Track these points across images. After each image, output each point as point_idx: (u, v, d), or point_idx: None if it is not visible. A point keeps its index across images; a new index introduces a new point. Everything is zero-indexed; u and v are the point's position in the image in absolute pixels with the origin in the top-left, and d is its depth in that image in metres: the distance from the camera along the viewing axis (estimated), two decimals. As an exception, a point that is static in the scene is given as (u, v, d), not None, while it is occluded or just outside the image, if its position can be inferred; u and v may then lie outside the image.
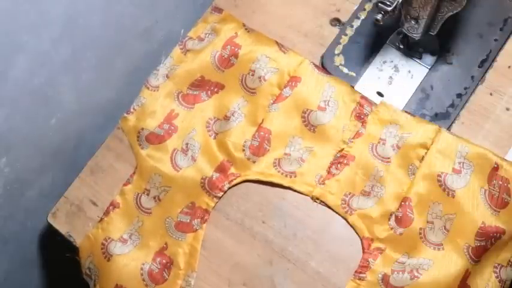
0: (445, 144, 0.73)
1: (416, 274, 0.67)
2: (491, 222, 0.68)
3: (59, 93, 0.72)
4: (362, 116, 0.76)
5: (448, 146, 0.73)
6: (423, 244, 0.69)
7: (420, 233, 0.70)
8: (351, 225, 0.72)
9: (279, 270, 0.71)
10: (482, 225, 0.68)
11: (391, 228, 0.70)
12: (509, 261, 0.69)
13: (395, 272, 0.68)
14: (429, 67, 0.79)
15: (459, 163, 0.72)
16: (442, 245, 0.69)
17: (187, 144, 0.78)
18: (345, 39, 0.82)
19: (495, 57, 0.79)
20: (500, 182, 0.70)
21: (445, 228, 0.69)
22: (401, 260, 0.69)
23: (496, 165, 0.71)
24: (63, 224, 0.77)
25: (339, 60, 0.81)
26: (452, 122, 0.76)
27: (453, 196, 0.70)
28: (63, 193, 0.79)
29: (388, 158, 0.74)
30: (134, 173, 0.78)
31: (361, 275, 0.69)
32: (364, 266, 0.69)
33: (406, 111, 0.76)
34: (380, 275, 0.68)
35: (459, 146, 0.72)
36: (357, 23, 0.83)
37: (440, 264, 0.68)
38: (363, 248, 0.70)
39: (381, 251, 0.70)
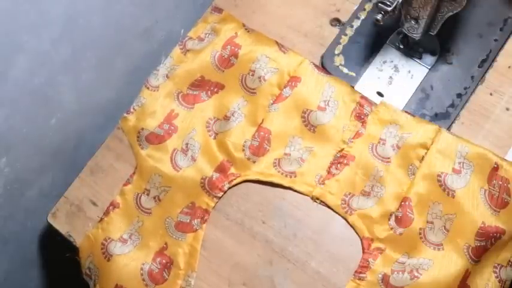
0: (445, 144, 0.73)
1: (416, 274, 0.67)
2: (491, 222, 0.68)
3: (59, 93, 0.72)
4: (362, 116, 0.76)
5: (448, 146, 0.73)
6: (423, 244, 0.69)
7: (420, 233, 0.70)
8: (351, 225, 0.72)
9: (279, 270, 0.71)
10: (482, 225, 0.68)
11: (391, 228, 0.70)
12: (509, 261, 0.69)
13: (395, 272, 0.68)
14: (429, 67, 0.79)
15: (459, 163, 0.72)
16: (442, 245, 0.69)
17: (187, 144, 0.78)
18: (345, 39, 0.82)
19: (495, 57, 0.79)
20: (500, 182, 0.70)
21: (445, 228, 0.69)
22: (401, 260, 0.69)
23: (496, 165, 0.71)
24: (63, 224, 0.77)
25: (339, 60, 0.81)
26: (452, 122, 0.76)
27: (453, 196, 0.70)
28: (63, 193, 0.79)
29: (388, 158, 0.74)
30: (134, 173, 0.77)
31: (361, 275, 0.69)
32: (364, 266, 0.69)
33: (406, 111, 0.76)
34: (380, 275, 0.68)
35: (459, 146, 0.72)
36: (357, 23, 0.83)
37: (440, 264, 0.68)
38: (363, 248, 0.70)
39: (380, 251, 0.70)
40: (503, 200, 0.69)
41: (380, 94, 0.79)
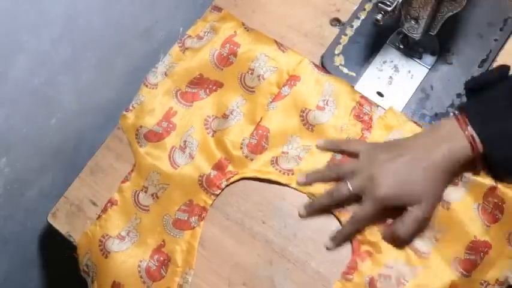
0: None
1: (402, 281, 0.67)
2: (481, 236, 0.68)
3: (59, 93, 0.72)
4: (361, 116, 0.76)
5: None
6: (412, 252, 0.69)
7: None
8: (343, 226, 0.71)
9: (279, 270, 0.71)
10: (474, 239, 0.68)
11: (382, 233, 0.70)
12: (497, 280, 0.67)
13: (383, 277, 0.68)
14: (429, 67, 0.79)
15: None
16: (431, 254, 0.68)
17: (185, 141, 0.78)
18: (345, 39, 0.82)
19: (495, 57, 0.79)
20: (495, 200, 0.69)
21: (435, 239, 0.69)
22: (389, 265, 0.68)
23: (493, 186, 0.69)
24: (63, 224, 0.77)
25: (339, 60, 0.81)
26: (453, 122, 0.76)
27: (448, 208, 0.70)
28: (63, 193, 0.79)
29: None
30: (132, 170, 0.77)
31: (347, 276, 0.68)
32: (351, 268, 0.69)
33: (413, 121, 0.75)
34: (367, 278, 0.68)
35: None
36: (357, 23, 0.83)
37: (428, 273, 0.67)
38: (353, 250, 0.70)
39: (370, 254, 0.69)
40: (495, 216, 0.69)
41: (380, 94, 0.79)
